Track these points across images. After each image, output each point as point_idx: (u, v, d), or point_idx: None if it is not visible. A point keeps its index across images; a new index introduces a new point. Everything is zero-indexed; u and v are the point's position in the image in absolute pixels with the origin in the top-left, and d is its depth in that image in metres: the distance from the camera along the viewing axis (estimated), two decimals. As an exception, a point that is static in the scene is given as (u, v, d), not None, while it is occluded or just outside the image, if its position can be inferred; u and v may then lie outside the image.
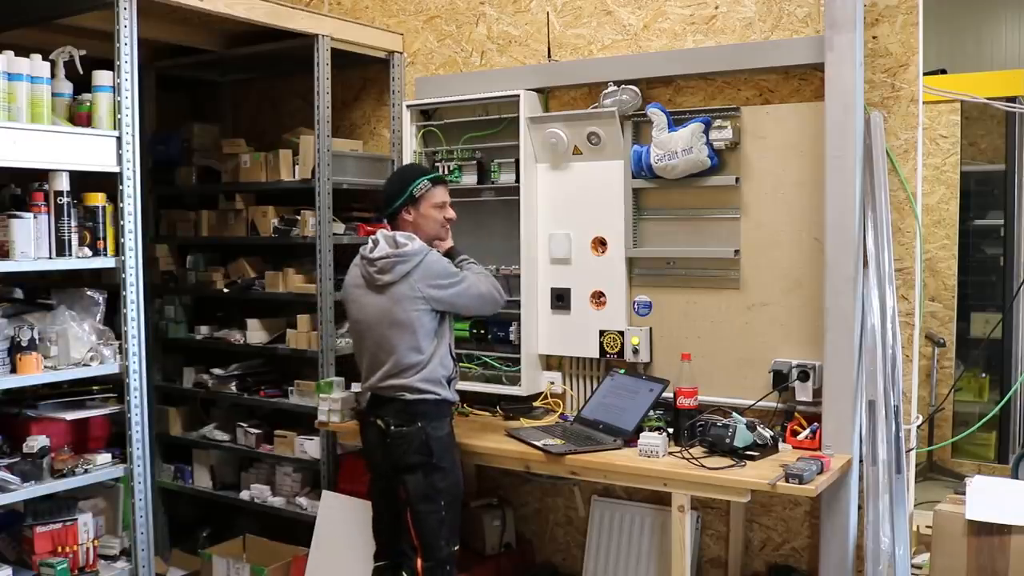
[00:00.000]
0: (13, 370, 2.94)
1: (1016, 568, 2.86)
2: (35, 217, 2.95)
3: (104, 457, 3.21)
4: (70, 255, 3.05)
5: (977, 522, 2.93)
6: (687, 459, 3.06)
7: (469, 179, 3.96)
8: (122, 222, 3.13)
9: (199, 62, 4.50)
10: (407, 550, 3.15)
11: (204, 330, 4.55)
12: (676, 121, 3.50)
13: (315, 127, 3.92)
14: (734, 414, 3.26)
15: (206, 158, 4.52)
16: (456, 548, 3.15)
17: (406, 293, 3.07)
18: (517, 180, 3.82)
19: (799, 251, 3.37)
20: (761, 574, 3.58)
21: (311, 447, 4.10)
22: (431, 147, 4.08)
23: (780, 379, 3.35)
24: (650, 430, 3.25)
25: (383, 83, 4.35)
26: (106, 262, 3.14)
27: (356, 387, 3.61)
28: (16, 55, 2.92)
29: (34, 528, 3.11)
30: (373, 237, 3.17)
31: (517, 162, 3.81)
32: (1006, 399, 4.70)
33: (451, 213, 3.30)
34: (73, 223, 3.05)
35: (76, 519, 3.17)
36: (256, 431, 4.33)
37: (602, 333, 3.72)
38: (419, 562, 3.09)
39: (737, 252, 3.47)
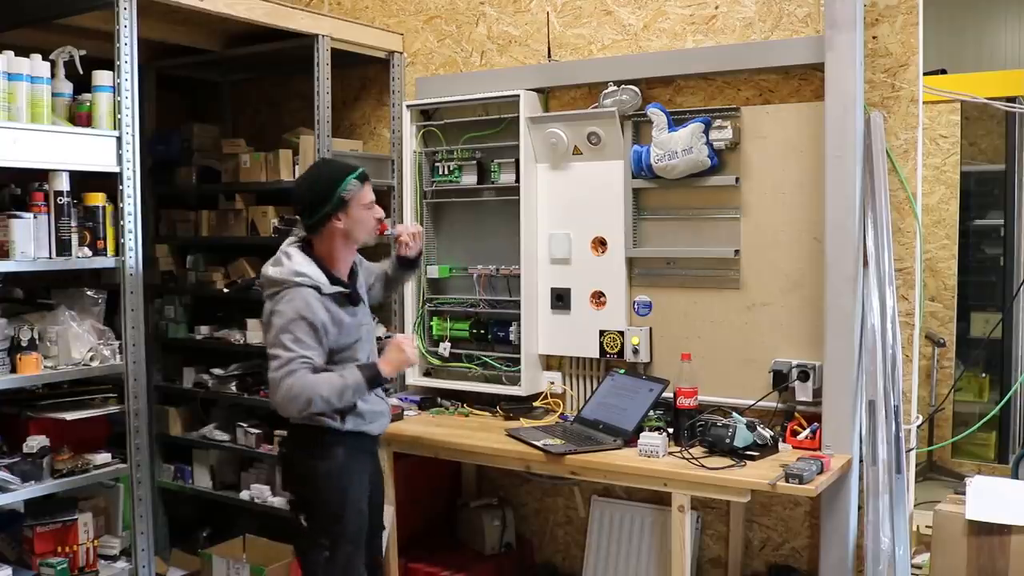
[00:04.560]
0: (13, 370, 2.94)
1: (1016, 568, 2.86)
2: (35, 217, 2.94)
3: (104, 457, 3.20)
4: (70, 255, 3.04)
5: (977, 522, 2.93)
6: (687, 459, 3.06)
7: (469, 179, 3.96)
8: (122, 222, 3.13)
9: (199, 62, 4.49)
10: None
11: (204, 330, 4.54)
12: (676, 121, 3.50)
13: (315, 127, 3.92)
14: (734, 414, 3.26)
15: (206, 158, 4.51)
16: None
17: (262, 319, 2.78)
18: (517, 180, 3.82)
19: (799, 251, 3.37)
20: (761, 574, 3.58)
21: (311, 447, 4.09)
22: (431, 147, 4.08)
23: (780, 379, 3.35)
24: (650, 430, 3.26)
25: (383, 83, 4.35)
26: (106, 262, 3.14)
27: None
28: (16, 55, 2.91)
29: (34, 528, 3.11)
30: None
31: (517, 162, 3.81)
32: (1006, 399, 4.70)
33: (380, 212, 2.91)
34: (73, 223, 3.05)
35: (76, 519, 3.17)
36: (256, 431, 4.32)
37: (602, 333, 3.72)
38: None
39: (737, 252, 3.47)
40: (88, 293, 3.28)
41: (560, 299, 3.83)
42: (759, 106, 3.45)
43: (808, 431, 3.24)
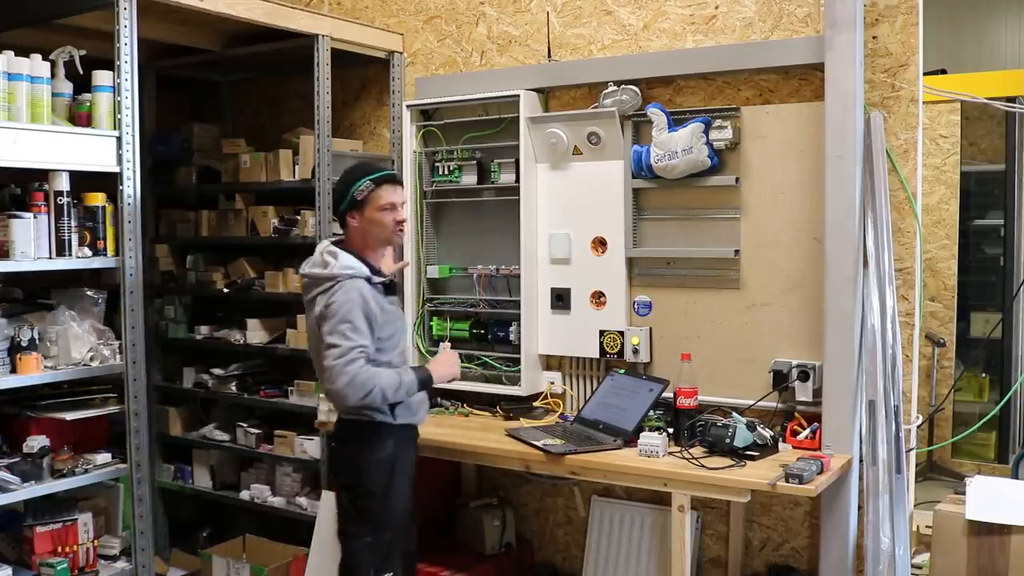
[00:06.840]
0: (13, 370, 2.94)
1: (1016, 568, 2.86)
2: (35, 217, 2.95)
3: (104, 457, 3.21)
4: (70, 255, 3.05)
5: (977, 522, 2.93)
6: (687, 459, 3.06)
7: (469, 179, 3.96)
8: (122, 222, 3.13)
9: (199, 62, 4.49)
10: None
11: (204, 330, 4.55)
12: (676, 121, 3.50)
13: (315, 127, 3.92)
14: (734, 414, 3.26)
15: (206, 158, 4.52)
16: None
17: (314, 315, 2.84)
18: (517, 180, 3.82)
19: (799, 251, 3.37)
20: (761, 574, 3.58)
21: (311, 447, 4.10)
22: (431, 147, 4.08)
23: (780, 379, 3.35)
24: (650, 430, 3.26)
25: (383, 83, 4.35)
26: (106, 262, 3.14)
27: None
28: (16, 55, 2.92)
29: (34, 528, 3.11)
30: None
31: (517, 162, 3.81)
32: (1006, 399, 4.70)
33: (402, 215, 2.97)
34: (73, 223, 3.05)
35: (76, 519, 3.17)
36: (256, 431, 4.33)
37: (602, 333, 3.72)
38: None
39: (737, 252, 3.47)
40: (88, 293, 3.28)
41: (560, 299, 3.83)
42: (759, 106, 3.45)
43: (808, 431, 3.24)
